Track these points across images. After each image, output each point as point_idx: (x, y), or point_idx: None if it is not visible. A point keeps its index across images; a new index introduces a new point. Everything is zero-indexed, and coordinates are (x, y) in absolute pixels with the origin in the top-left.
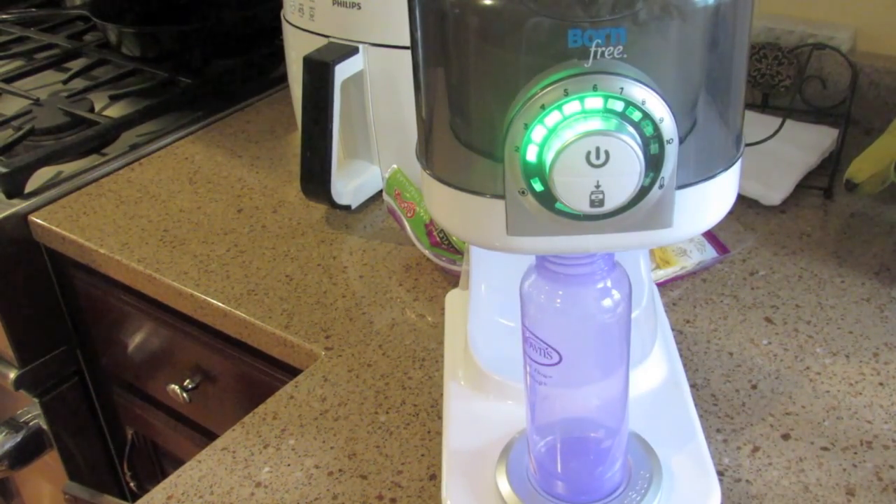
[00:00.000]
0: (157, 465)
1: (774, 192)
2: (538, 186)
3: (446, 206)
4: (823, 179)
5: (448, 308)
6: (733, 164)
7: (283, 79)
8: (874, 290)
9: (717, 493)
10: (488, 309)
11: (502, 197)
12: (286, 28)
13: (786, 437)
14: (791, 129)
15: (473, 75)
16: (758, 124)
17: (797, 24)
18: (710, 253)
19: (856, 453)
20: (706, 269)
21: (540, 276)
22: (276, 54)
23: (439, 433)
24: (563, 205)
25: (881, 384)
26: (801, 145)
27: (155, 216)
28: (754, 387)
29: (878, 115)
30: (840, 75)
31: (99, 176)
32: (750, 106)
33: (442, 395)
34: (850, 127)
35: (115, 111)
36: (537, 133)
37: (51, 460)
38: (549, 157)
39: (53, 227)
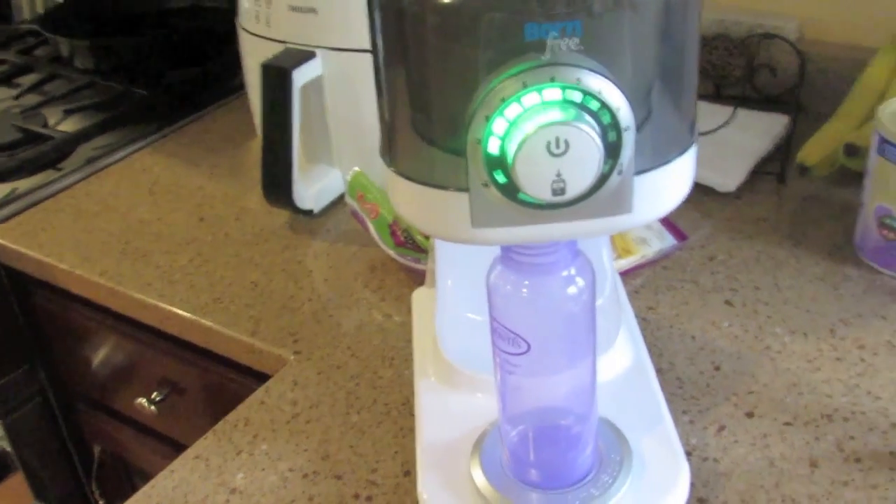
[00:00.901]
0: (127, 481)
1: (729, 179)
2: (501, 178)
3: (411, 201)
4: (776, 165)
5: (415, 306)
6: (689, 149)
7: (240, 87)
8: (828, 270)
9: (686, 472)
10: (455, 304)
11: (466, 190)
12: (242, 35)
13: (750, 414)
14: (743, 118)
15: (433, 72)
16: (711, 114)
17: (745, 15)
18: (669, 241)
19: (817, 427)
20: (666, 256)
21: (505, 266)
22: (233, 62)
23: (412, 430)
24: (526, 195)
25: (839, 359)
26: (754, 132)
27: (115, 229)
28: (717, 368)
29: (827, 100)
30: (789, 63)
31: (56, 191)
32: (702, 96)
33: (413, 392)
34: (799, 113)
35: (70, 125)
36: (498, 126)
37: (16, 483)
38: (510, 149)
39: (10, 245)
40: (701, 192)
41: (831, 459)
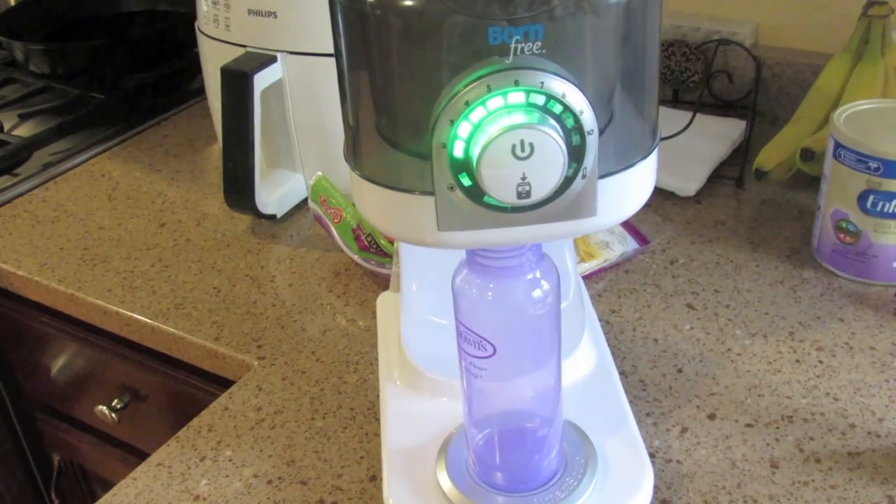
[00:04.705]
0: (87, 490)
1: (689, 184)
2: (466, 181)
3: (377, 205)
4: (734, 169)
5: (380, 310)
6: (651, 153)
7: (199, 91)
8: (787, 273)
9: (649, 474)
10: (420, 308)
11: (432, 193)
12: (202, 39)
13: (712, 416)
14: (701, 123)
15: (398, 76)
16: (670, 119)
17: (702, 21)
18: (632, 244)
19: (778, 428)
20: (628, 260)
21: (471, 270)
22: (191, 67)
23: (377, 435)
24: (492, 198)
25: (798, 361)
26: (712, 137)
27: (74, 235)
28: (680, 370)
29: (782, 105)
30: (745, 69)
31: (12, 197)
32: (661, 102)
33: (378, 397)
34: (756, 118)
35: (26, 130)
36: (463, 129)
37: None
38: (475, 152)
39: None
40: (661, 196)
41: (791, 460)
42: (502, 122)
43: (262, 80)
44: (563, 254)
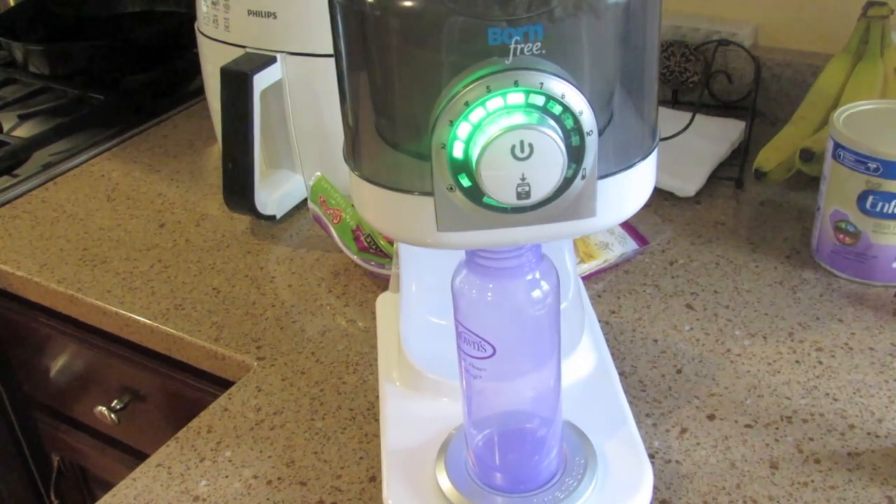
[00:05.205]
0: (86, 490)
1: (688, 185)
2: (466, 182)
3: (376, 206)
4: (734, 170)
5: (379, 311)
6: (650, 154)
7: (198, 92)
8: (786, 273)
9: (649, 474)
10: (420, 308)
11: (431, 194)
12: (201, 40)
13: (711, 417)
14: (701, 123)
15: (397, 76)
16: (669, 119)
17: (702, 21)
18: (631, 245)
19: (777, 428)
20: (628, 260)
21: (470, 271)
22: (191, 67)
23: (377, 435)
24: (491, 198)
25: (797, 362)
26: (712, 138)
27: (73, 236)
28: (679, 371)
29: (782, 106)
30: (744, 70)
31: (11, 197)
32: (661, 102)
33: (377, 397)
34: (755, 119)
35: (25, 131)
36: (462, 130)
37: None
38: (475, 153)
39: None
40: (661, 197)
41: (791, 461)
42: (502, 123)
43: (262, 81)
44: (563, 254)
